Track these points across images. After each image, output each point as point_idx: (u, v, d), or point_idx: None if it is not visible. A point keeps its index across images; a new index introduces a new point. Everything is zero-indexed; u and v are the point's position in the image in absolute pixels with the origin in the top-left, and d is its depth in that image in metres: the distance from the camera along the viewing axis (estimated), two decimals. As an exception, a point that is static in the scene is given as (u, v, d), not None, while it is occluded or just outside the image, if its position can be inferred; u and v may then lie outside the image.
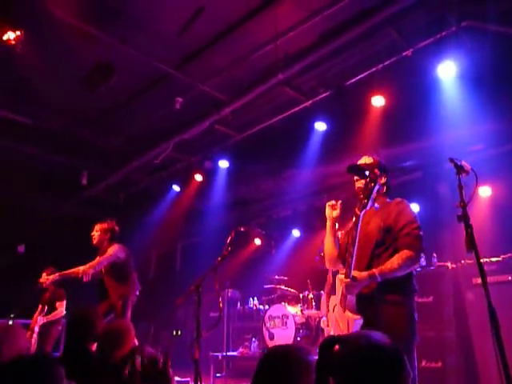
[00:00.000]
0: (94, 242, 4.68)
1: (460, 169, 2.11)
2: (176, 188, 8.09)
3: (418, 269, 5.82)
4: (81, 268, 4.32)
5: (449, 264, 5.29)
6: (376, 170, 2.73)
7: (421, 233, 2.54)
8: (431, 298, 5.16)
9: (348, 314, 2.51)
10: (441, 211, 5.90)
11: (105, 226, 4.71)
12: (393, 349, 1.20)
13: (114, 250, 4.53)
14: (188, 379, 4.56)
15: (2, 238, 7.61)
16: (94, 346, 2.54)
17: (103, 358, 2.26)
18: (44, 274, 5.85)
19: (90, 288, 5.02)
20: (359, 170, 2.72)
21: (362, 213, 2.52)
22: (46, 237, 7.75)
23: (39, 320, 5.41)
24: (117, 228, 4.75)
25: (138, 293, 4.61)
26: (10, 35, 3.95)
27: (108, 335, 2.38)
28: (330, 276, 4.84)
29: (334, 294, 3.05)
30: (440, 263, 5.40)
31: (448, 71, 4.74)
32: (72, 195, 8.29)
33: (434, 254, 5.59)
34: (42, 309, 5.64)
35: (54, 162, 7.26)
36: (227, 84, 5.79)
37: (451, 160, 2.11)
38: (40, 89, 5.75)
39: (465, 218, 1.90)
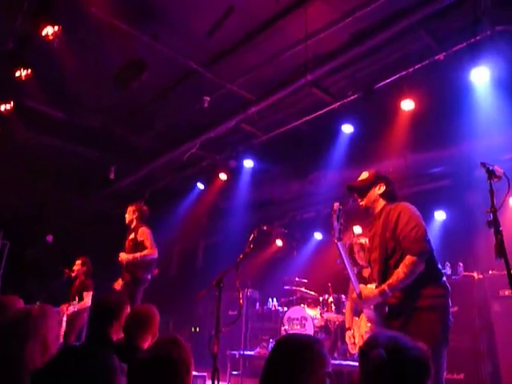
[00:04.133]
0: (129, 222, 5.02)
1: (491, 174, 2.05)
2: (200, 186, 8.17)
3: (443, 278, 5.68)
4: (140, 254, 4.69)
5: (475, 274, 5.15)
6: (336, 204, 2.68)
7: (420, 232, 2.48)
8: (456, 308, 5.03)
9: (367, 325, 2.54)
10: (468, 221, 5.75)
11: (138, 207, 5.06)
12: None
13: (147, 232, 4.81)
14: (205, 374, 4.58)
15: (33, 228, 7.87)
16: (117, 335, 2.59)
17: (128, 342, 2.31)
18: (77, 262, 6.05)
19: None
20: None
21: (338, 244, 2.64)
22: (73, 227, 7.97)
23: (67, 309, 5.54)
24: (144, 208, 5.06)
25: (149, 277, 4.73)
26: (49, 30, 4.08)
27: (132, 319, 2.44)
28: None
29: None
30: (466, 273, 5.27)
31: (481, 76, 4.62)
32: (100, 189, 8.49)
33: (460, 264, 5.45)
34: (72, 298, 5.79)
35: (84, 156, 7.47)
36: (255, 83, 5.82)
37: (483, 164, 2.06)
38: (74, 85, 5.92)
39: (495, 223, 1.85)
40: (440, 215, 6.68)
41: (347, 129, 5.94)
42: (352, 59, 5.03)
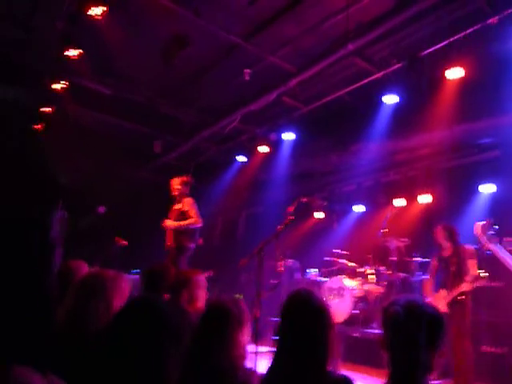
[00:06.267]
0: (175, 193, 5.28)
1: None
2: (242, 158, 8.31)
3: (488, 252, 5.57)
4: (185, 222, 5.02)
5: (524, 249, 5.00)
6: None
7: None
8: (503, 284, 4.96)
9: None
10: (519, 193, 5.52)
11: (184, 179, 5.33)
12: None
13: (191, 203, 5.13)
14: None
15: (86, 200, 8.37)
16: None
17: (173, 301, 2.55)
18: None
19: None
20: None
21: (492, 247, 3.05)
22: (123, 199, 8.41)
23: None
24: (188, 179, 5.36)
25: (193, 246, 5.00)
26: (97, 10, 4.25)
27: (176, 280, 2.67)
28: (434, 259, 4.83)
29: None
30: (514, 247, 5.13)
31: (538, 40, 4.33)
32: (147, 162, 8.87)
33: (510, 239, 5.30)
34: None
35: (132, 130, 7.78)
36: (296, 55, 5.77)
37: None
38: (120, 62, 6.13)
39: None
40: (488, 188, 6.45)
41: (391, 99, 5.78)
42: (396, 26, 4.84)
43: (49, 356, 1.73)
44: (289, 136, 7.24)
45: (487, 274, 4.27)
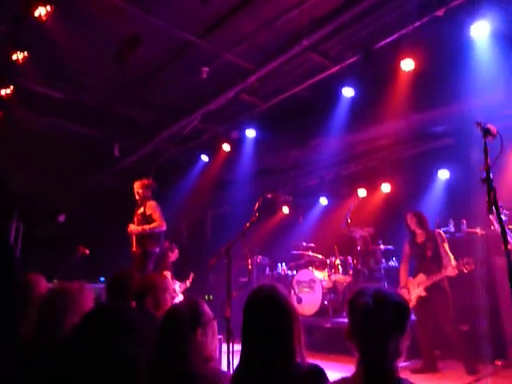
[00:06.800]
0: (138, 197, 5.14)
1: (486, 132, 2.10)
2: (204, 158, 8.23)
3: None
4: (149, 226, 4.89)
5: (478, 230, 5.24)
6: None
7: None
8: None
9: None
10: (472, 178, 5.78)
11: (145, 182, 5.16)
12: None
13: (154, 206, 5.01)
14: (220, 337, 4.80)
15: (44, 209, 8.03)
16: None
17: (139, 307, 2.50)
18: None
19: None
20: None
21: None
22: (83, 206, 8.13)
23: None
24: (150, 182, 5.21)
25: (157, 250, 4.92)
26: (42, 11, 4.06)
27: (140, 286, 2.62)
28: (406, 246, 4.94)
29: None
30: (470, 230, 5.37)
31: (482, 31, 4.54)
32: (106, 166, 8.60)
33: (464, 221, 5.55)
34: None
35: (88, 134, 7.52)
36: (252, 52, 5.75)
37: (478, 123, 2.11)
38: (71, 64, 5.89)
39: (488, 180, 1.92)
40: (444, 174, 6.73)
41: (348, 92, 5.90)
42: (349, 20, 4.93)
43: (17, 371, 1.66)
44: (250, 133, 7.25)
45: (472, 260, 4.44)
